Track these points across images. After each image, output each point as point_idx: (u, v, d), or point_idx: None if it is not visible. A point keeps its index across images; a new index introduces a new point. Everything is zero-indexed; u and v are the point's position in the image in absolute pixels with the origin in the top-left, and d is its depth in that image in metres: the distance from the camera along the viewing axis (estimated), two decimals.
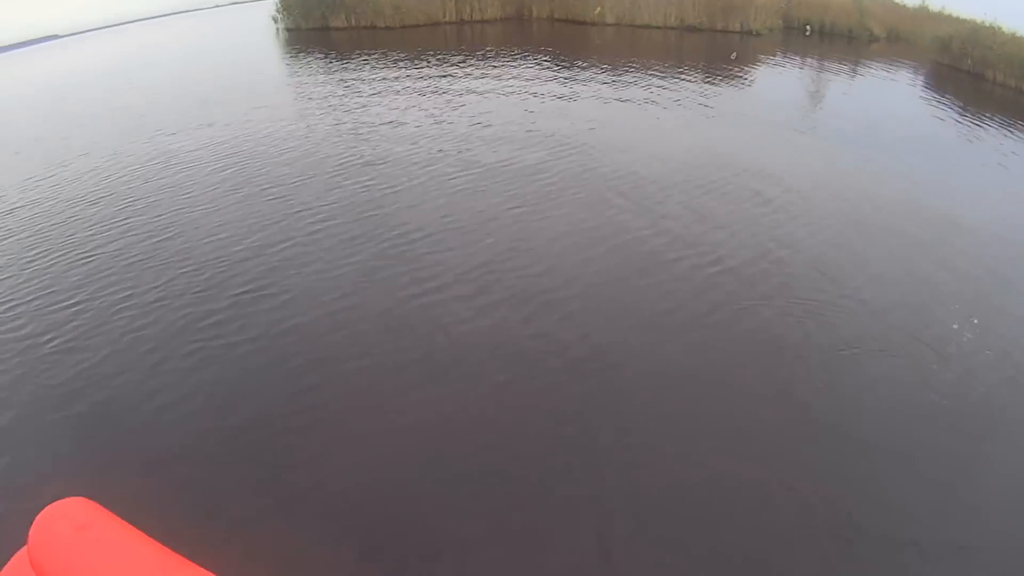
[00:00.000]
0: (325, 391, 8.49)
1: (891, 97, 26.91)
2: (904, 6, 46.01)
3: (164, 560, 4.78)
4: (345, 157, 16.84)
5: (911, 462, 7.48)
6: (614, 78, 24.03)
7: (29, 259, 12.78)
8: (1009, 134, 22.23)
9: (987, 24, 34.06)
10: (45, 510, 5.15)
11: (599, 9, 34.03)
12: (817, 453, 7.55)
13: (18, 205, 16.15)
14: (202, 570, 4.76)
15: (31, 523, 5.03)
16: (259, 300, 10.48)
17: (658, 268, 11.08)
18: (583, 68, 26.11)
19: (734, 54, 30.25)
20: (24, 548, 5.21)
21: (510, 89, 23.18)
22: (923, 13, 43.36)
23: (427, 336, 9.40)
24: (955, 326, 9.95)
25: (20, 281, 11.97)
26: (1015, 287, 11.51)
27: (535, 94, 22.38)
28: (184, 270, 11.64)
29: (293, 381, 8.68)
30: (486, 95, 22.42)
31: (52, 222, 14.57)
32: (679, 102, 21.40)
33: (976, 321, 10.10)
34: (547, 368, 8.77)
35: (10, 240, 13.89)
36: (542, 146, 16.86)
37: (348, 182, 15.05)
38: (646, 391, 8.43)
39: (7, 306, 11.18)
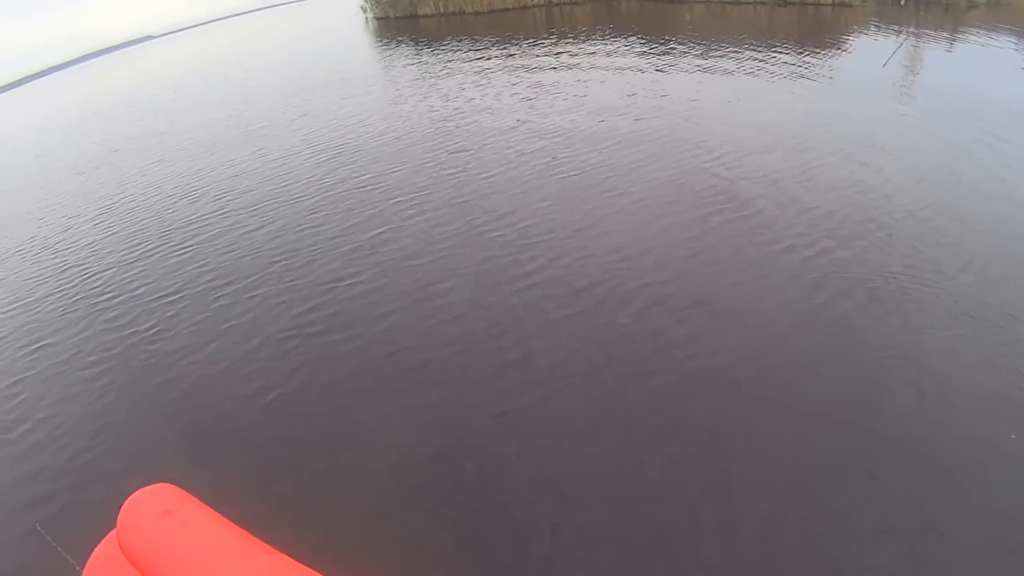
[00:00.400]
0: (422, 383, 8.34)
1: (994, 67, 25.62)
2: None
3: (245, 544, 4.87)
4: (441, 143, 16.84)
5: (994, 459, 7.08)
6: (708, 56, 23.37)
7: (130, 253, 13.24)
8: None
9: None
10: (133, 495, 5.38)
11: None
12: (903, 443, 7.18)
13: (118, 201, 16.64)
14: (282, 555, 4.83)
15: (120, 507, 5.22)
16: (356, 289, 10.47)
17: (763, 255, 10.53)
18: (675, 46, 25.40)
19: None
20: (114, 531, 5.35)
21: (603, 70, 22.80)
22: None
23: (528, 329, 9.16)
24: None
25: (123, 274, 12.43)
26: None
27: (629, 75, 21.91)
28: (281, 260, 11.79)
29: (388, 372, 8.58)
30: (579, 77, 22.11)
31: (151, 216, 15.04)
32: (776, 77, 20.80)
33: None
34: (653, 367, 8.32)
35: (112, 236, 14.33)
36: (639, 128, 16.42)
37: (444, 169, 14.98)
38: (752, 384, 8.04)
39: (111, 298, 11.65)
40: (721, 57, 22.71)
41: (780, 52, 23.49)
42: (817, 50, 24.58)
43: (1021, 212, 11.63)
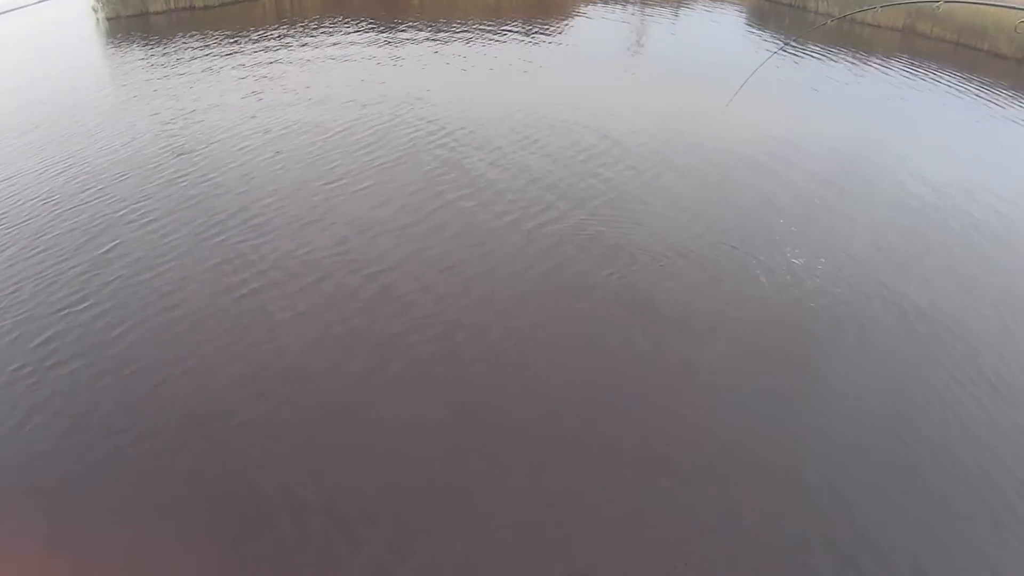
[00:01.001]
0: (165, 400, 8.59)
1: (715, 36, 29.10)
2: None
3: None
4: (168, 147, 16.64)
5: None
6: (437, 39, 24.10)
7: None
8: (832, 62, 25.04)
9: None
10: None
11: None
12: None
13: None
14: None
15: None
16: (91, 311, 10.44)
17: (496, 226, 11.75)
18: (405, 32, 26.02)
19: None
20: None
21: (332, 59, 23.17)
22: None
23: (262, 331, 9.64)
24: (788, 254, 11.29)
25: None
26: (835, 209, 13.29)
27: (358, 62, 22.50)
28: (13, 290, 11.37)
29: (131, 393, 8.76)
30: (309, 68, 22.32)
31: None
32: (504, 56, 21.85)
33: (799, 251, 11.46)
34: (390, 353, 9.12)
35: None
36: (368, 114, 17.14)
37: (172, 173, 14.92)
38: (495, 346, 9.13)
39: None
40: (450, 38, 23.57)
41: (510, 31, 24.67)
42: (546, 26, 26.31)
43: (737, 160, 14.27)
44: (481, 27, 25.30)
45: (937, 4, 7.11)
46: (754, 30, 30.89)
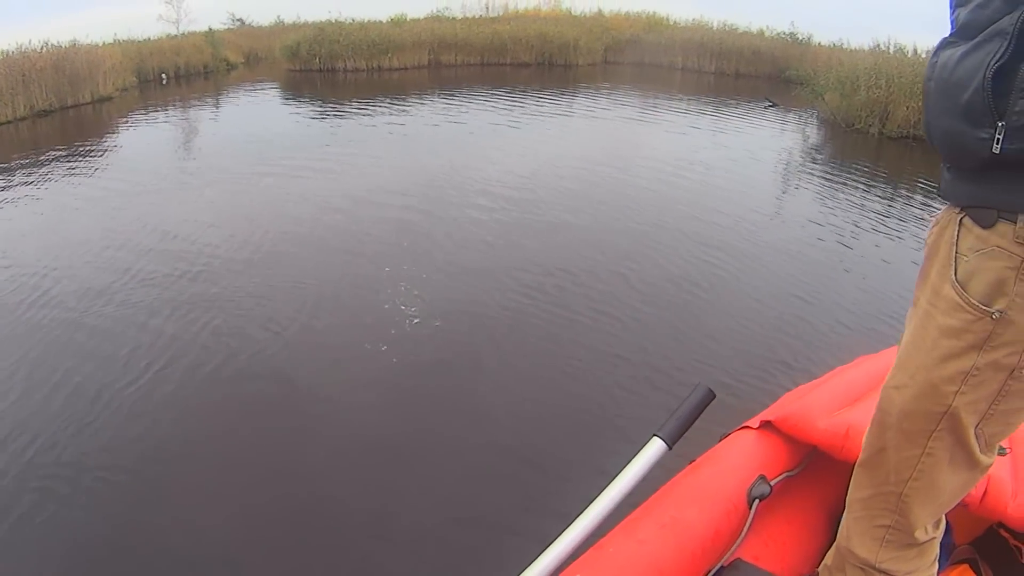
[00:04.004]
0: None
1: (257, 113, 30.43)
2: (261, 27, 48.02)
3: None
4: None
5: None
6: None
7: None
8: (357, 112, 28.87)
9: (333, 21, 39.30)
10: None
11: None
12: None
13: None
14: None
15: None
16: None
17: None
18: None
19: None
20: None
21: None
22: (278, 29, 45.89)
23: None
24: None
25: None
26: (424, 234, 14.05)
27: None
28: None
29: None
30: None
31: None
32: (43, 191, 19.49)
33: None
34: None
35: None
36: None
37: None
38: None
39: None
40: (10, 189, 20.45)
41: (47, 167, 22.04)
42: (82, 155, 24.12)
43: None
44: (29, 168, 22.42)
45: None
46: (288, 100, 33.61)
